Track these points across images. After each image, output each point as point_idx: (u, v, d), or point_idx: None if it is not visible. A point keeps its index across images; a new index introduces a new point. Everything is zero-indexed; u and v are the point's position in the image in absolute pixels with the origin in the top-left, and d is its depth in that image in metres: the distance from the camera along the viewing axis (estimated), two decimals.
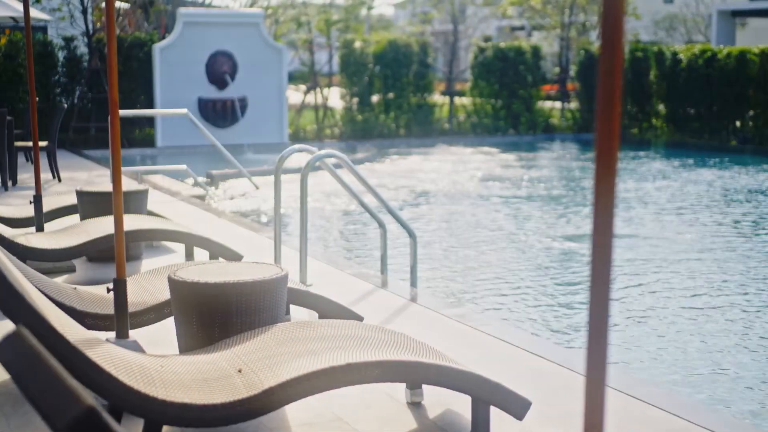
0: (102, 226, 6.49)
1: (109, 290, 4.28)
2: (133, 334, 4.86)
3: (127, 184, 8.75)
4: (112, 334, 4.38)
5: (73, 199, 7.81)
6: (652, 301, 8.03)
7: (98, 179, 13.05)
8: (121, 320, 4.19)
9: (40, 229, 7.01)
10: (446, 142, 23.24)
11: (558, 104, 27.47)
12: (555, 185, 15.82)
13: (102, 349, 3.36)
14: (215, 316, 4.05)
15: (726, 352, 6.63)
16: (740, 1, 34.97)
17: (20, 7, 14.67)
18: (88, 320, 4.46)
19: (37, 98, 18.50)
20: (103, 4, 22.07)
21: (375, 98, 23.44)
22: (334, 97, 25.18)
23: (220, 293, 4.04)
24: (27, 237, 6.36)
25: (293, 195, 12.06)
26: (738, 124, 22.71)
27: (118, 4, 22.27)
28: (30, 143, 13.14)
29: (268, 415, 3.91)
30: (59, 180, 12.72)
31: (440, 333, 5.32)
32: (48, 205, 7.74)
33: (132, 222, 6.54)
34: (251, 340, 3.82)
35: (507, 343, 5.09)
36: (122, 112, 12.93)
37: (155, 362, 3.59)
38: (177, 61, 19.36)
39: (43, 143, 12.80)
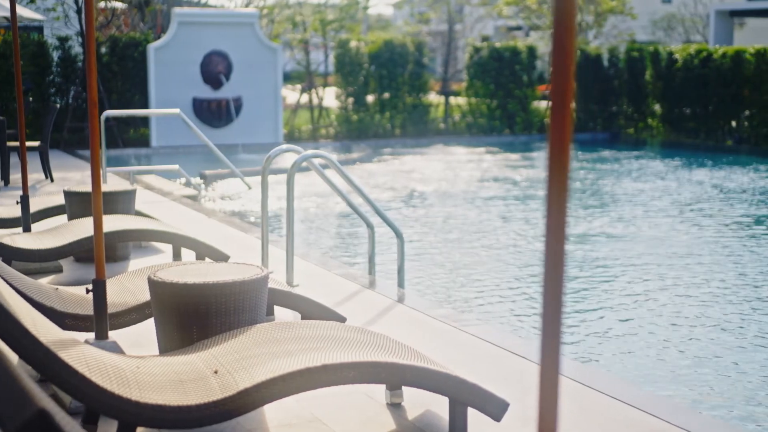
0: (88, 226, 6.47)
1: (88, 291, 4.27)
2: (116, 334, 4.85)
3: (115, 184, 8.72)
4: (92, 335, 4.37)
5: (61, 200, 7.79)
6: (640, 302, 8.02)
7: (90, 179, 13.01)
8: (100, 321, 4.18)
9: (27, 229, 7.00)
10: (442, 142, 23.22)
11: None
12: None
13: (76, 351, 3.34)
14: (194, 316, 4.04)
15: (711, 352, 6.63)
16: (738, 1, 34.94)
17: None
18: (69, 321, 4.45)
19: (31, 98, 18.51)
20: (100, 4, 22.05)
21: (370, 98, 23.42)
22: (330, 97, 25.16)
23: (199, 294, 4.03)
24: (12, 237, 6.35)
25: (284, 195, 12.04)
26: (734, 124, 22.70)
27: (114, 4, 22.25)
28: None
29: (246, 417, 3.90)
30: (51, 180, 12.71)
31: (426, 333, 5.31)
32: (36, 205, 7.73)
33: (118, 222, 6.53)
34: (229, 341, 3.81)
35: (491, 344, 5.08)
36: (114, 112, 12.95)
37: (132, 363, 3.58)
38: (172, 60, 19.34)
39: (35, 143, 12.79)
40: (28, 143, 13.11)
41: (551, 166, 1.58)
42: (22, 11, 16.20)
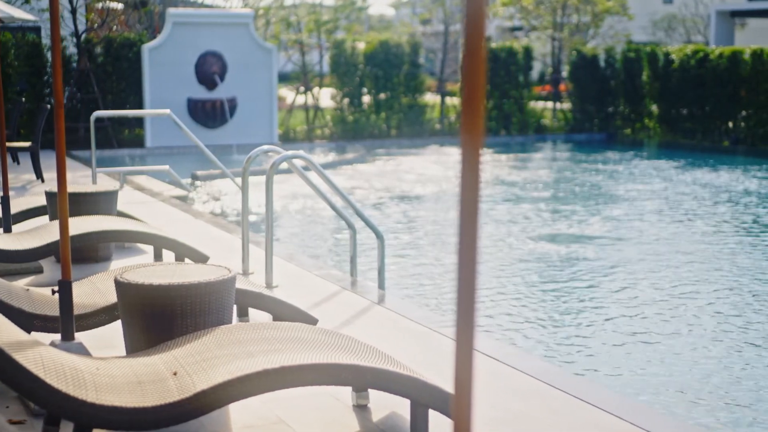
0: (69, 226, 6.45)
1: (54, 292, 4.26)
2: (87, 335, 4.84)
3: (97, 185, 8.71)
4: (59, 336, 4.35)
5: (43, 200, 7.78)
6: (623, 304, 8.00)
7: (82, 180, 13.02)
8: (66, 322, 4.16)
9: (7, 230, 6.99)
10: (437, 142, 23.20)
11: (550, 104, 27.42)
12: (545, 186, 15.79)
13: (33, 352, 3.33)
14: (160, 317, 4.03)
15: (698, 355, 6.61)
16: (739, 2, 34.90)
17: (6, 8, 14.66)
18: (37, 322, 4.44)
19: (24, 98, 18.49)
20: (98, 5, 22.05)
21: (366, 99, 23.39)
22: (326, 98, 25.15)
23: (165, 295, 4.01)
24: None
25: (278, 195, 12.03)
26: (730, 124, 22.68)
27: (110, 5, 22.25)
28: (15, 143, 13.15)
29: (211, 418, 3.89)
30: (42, 180, 12.70)
31: (403, 335, 5.29)
32: (18, 206, 7.71)
33: (98, 223, 6.51)
34: (192, 343, 3.79)
35: None
36: (104, 113, 12.95)
37: (92, 365, 3.57)
38: (166, 61, 19.33)
39: (26, 144, 12.82)
40: (21, 144, 13.14)
41: (463, 167, 1.56)
42: (15, 11, 16.18)
